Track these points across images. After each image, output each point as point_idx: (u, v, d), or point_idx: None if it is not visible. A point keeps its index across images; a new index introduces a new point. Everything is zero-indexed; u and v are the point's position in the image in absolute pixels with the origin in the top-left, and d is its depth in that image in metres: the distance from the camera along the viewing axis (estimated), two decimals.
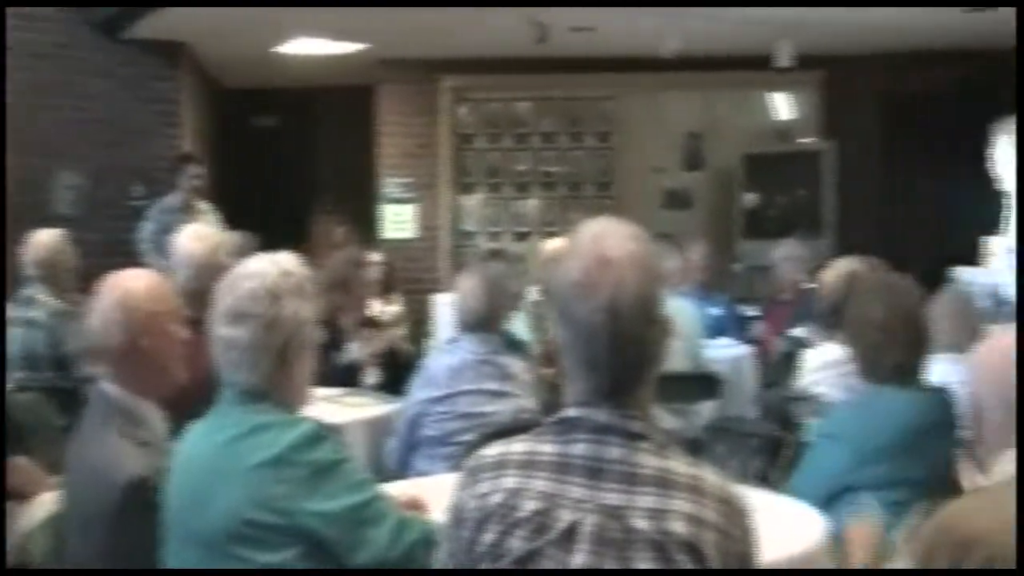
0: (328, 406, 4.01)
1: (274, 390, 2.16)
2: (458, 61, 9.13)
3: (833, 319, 4.08)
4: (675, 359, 5.31)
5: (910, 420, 2.84)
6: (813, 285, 5.96)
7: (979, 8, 7.20)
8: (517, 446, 1.64)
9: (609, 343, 1.58)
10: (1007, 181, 5.08)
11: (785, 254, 6.78)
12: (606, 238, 1.62)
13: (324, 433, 2.15)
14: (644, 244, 1.64)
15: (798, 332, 6.14)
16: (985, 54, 8.98)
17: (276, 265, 2.20)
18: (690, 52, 8.22)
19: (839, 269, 4.28)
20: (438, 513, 2.01)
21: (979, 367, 1.99)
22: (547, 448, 1.61)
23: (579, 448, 1.59)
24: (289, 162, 10.51)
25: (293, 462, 2.09)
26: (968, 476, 2.65)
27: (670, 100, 9.70)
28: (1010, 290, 6.10)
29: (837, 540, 2.56)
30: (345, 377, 4.60)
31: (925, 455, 2.80)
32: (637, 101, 9.60)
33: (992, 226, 7.07)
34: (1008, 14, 7.28)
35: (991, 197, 5.35)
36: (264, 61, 8.84)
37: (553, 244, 5.59)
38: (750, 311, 7.16)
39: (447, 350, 3.93)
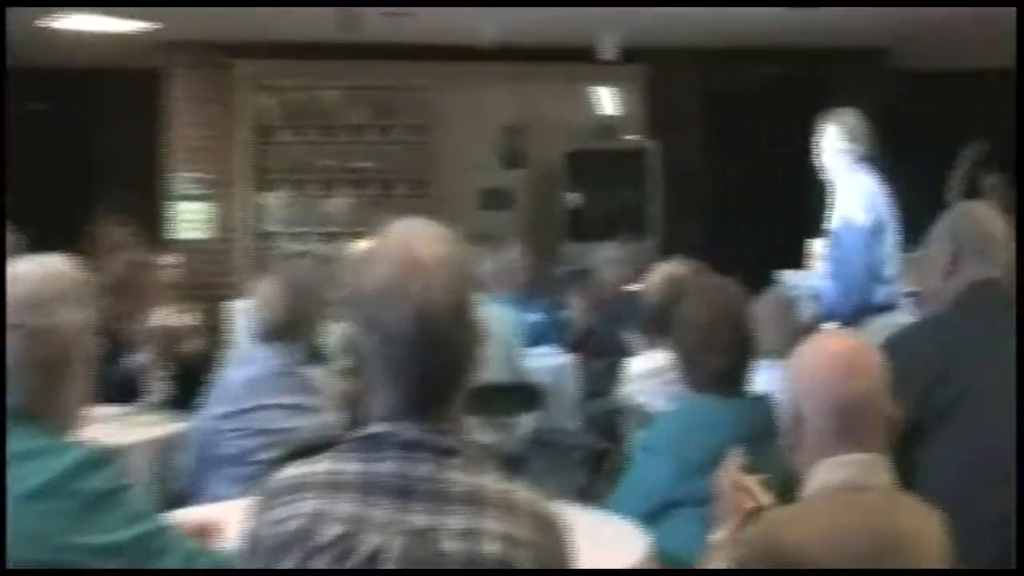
0: (109, 426, 3.87)
1: (42, 411, 2.08)
2: (257, 45, 8.97)
3: (657, 324, 4.20)
4: (492, 368, 5.36)
5: (734, 431, 2.94)
6: (637, 289, 6.13)
7: (803, 5, 7.57)
8: (319, 466, 1.62)
9: (418, 352, 1.58)
10: (831, 171, 5.36)
11: (606, 257, 6.96)
12: (415, 239, 1.63)
13: (102, 458, 2.07)
14: (456, 246, 1.66)
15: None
16: (811, 51, 9.46)
17: (43, 268, 2.12)
18: (510, 42, 8.34)
19: (663, 272, 4.41)
20: (233, 541, 1.97)
21: (798, 372, 2.08)
22: (351, 467, 1.60)
23: (386, 466, 1.59)
24: (65, 152, 10.08)
25: (63, 493, 2.01)
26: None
27: (490, 92, 9.80)
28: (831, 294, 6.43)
29: (662, 557, 2.63)
30: (128, 392, 4.46)
31: (750, 467, 2.91)
32: (454, 93, 9.64)
33: (818, 227, 7.41)
34: (833, 11, 7.70)
35: (818, 197, 5.62)
36: (33, 37, 8.45)
37: (361, 246, 5.57)
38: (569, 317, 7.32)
39: (244, 361, 3.86)
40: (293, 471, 1.63)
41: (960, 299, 2.65)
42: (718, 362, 3.01)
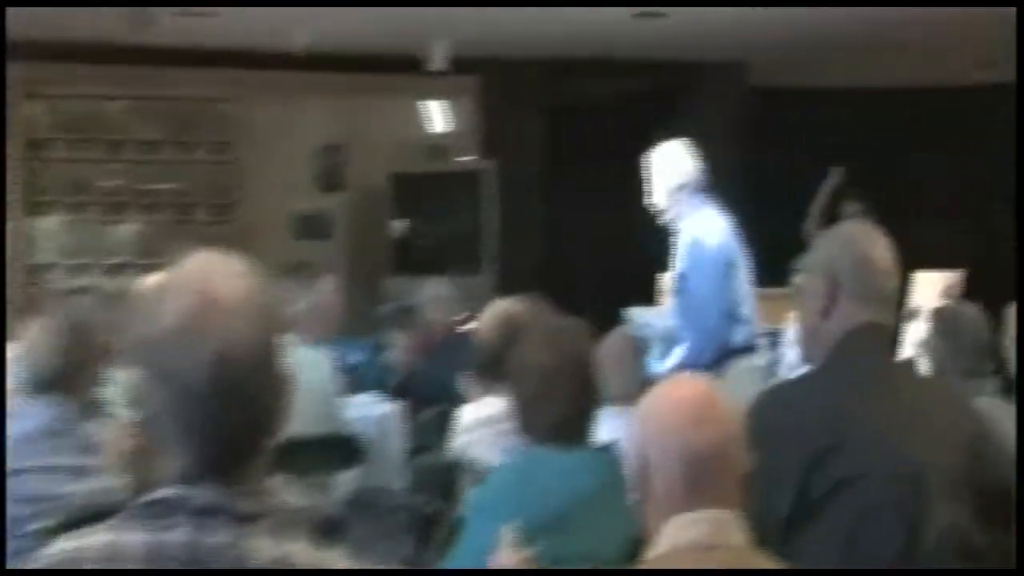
0: None
1: None
2: (27, 44, 8.72)
3: (492, 368, 4.23)
4: (305, 420, 5.31)
5: (575, 486, 2.98)
6: (469, 328, 6.17)
7: (653, 12, 7.79)
8: (97, 537, 1.59)
9: (215, 404, 1.57)
10: (668, 209, 5.48)
11: (436, 293, 7.00)
12: (214, 274, 1.61)
13: None
14: (262, 281, 1.65)
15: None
16: (663, 64, 9.74)
17: None
18: (328, 48, 8.33)
19: (499, 310, 4.46)
20: None
21: (644, 420, 2.14)
22: (135, 538, 1.57)
23: (176, 536, 1.56)
24: None
25: None
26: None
27: (304, 105, 9.78)
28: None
29: None
30: None
31: (594, 527, 2.95)
32: (264, 105, 9.59)
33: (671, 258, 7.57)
34: (686, 19, 7.95)
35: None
36: None
37: (151, 281, 5.46)
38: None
39: (11, 416, 3.74)
40: (66, 544, 1.59)
41: (840, 349, 2.50)
42: (559, 410, 3.04)
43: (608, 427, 3.24)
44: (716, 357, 5.29)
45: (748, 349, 5.46)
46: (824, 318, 2.53)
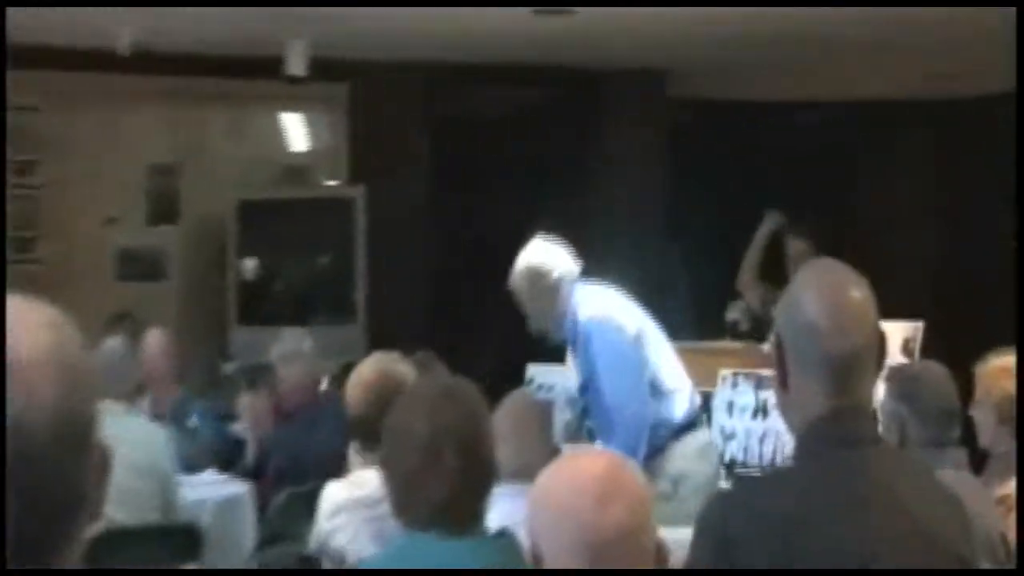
0: None
1: None
2: None
3: (363, 440, 4.23)
4: (132, 505, 5.27)
5: None
6: (335, 391, 6.13)
7: (557, 10, 7.88)
8: None
9: (12, 486, 1.54)
10: (551, 316, 5.64)
11: (291, 349, 6.97)
12: (12, 327, 1.59)
13: None
14: (72, 335, 1.63)
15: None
16: (570, 71, 9.83)
17: None
18: (160, 47, 8.27)
19: (371, 369, 4.47)
20: None
21: (541, 501, 2.16)
22: None
23: None
24: None
25: None
26: None
27: (129, 117, 9.69)
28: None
29: None
30: None
31: None
32: (79, 117, 9.49)
33: None
34: (596, 19, 8.05)
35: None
36: None
37: None
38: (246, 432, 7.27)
39: None
40: None
41: (803, 445, 2.51)
42: (443, 490, 3.04)
43: (504, 509, 3.25)
44: (655, 445, 5.38)
45: (690, 425, 5.57)
46: (783, 390, 2.56)
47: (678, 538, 2.50)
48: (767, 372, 6.33)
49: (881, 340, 2.58)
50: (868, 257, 5.82)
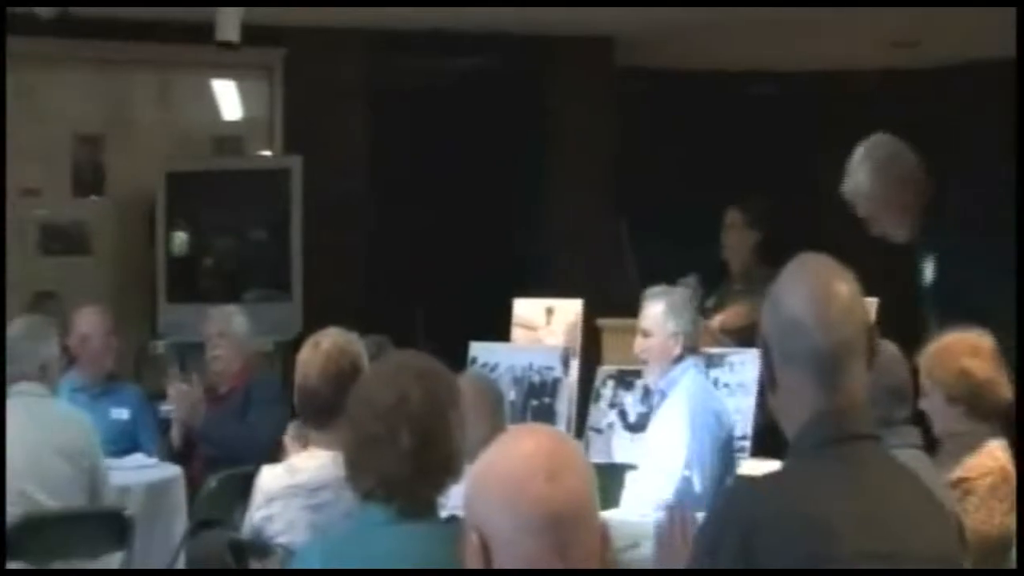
0: None
1: None
2: None
3: (318, 418, 4.24)
4: (58, 491, 5.26)
5: (412, 561, 3.01)
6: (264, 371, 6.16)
7: None
8: None
9: None
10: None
11: (224, 326, 6.97)
12: None
13: None
14: None
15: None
16: (513, 38, 9.84)
17: None
18: (82, 11, 8.20)
19: (332, 342, 4.44)
20: None
21: (486, 482, 2.15)
22: None
23: None
24: None
25: None
26: None
27: (50, 84, 9.61)
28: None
29: None
30: None
31: None
32: None
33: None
34: None
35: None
36: None
37: None
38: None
39: None
40: None
41: (798, 446, 2.53)
42: (395, 468, 3.11)
43: (458, 493, 3.28)
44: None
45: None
46: (773, 392, 2.58)
47: None
48: (715, 351, 6.46)
49: (871, 333, 2.60)
50: (826, 233, 5.92)
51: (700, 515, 4.50)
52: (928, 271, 5.66)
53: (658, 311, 5.64)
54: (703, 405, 5.53)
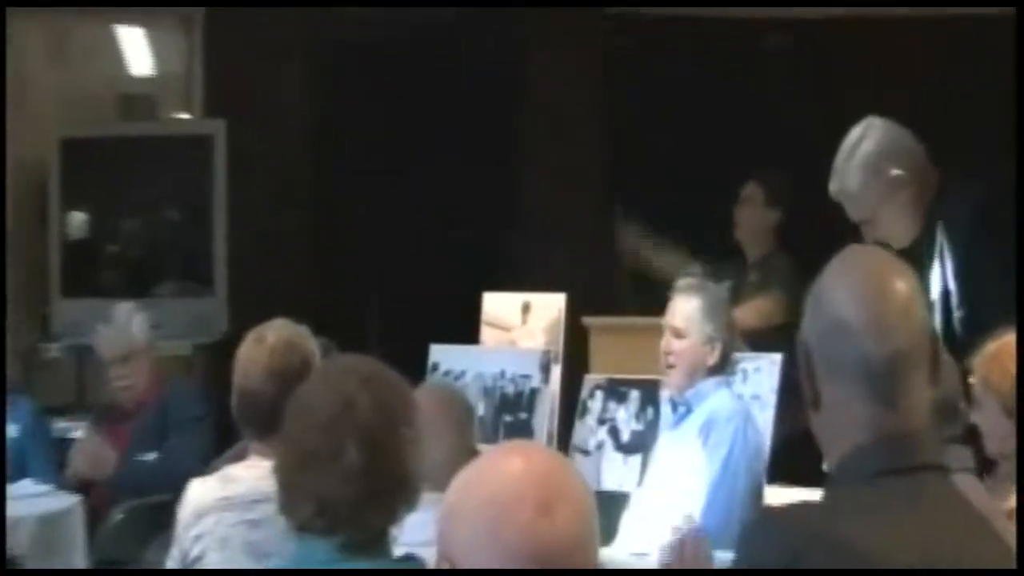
0: None
1: None
2: None
3: (261, 425, 4.26)
4: None
5: None
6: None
7: None
8: None
9: None
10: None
11: (129, 325, 6.95)
12: None
13: None
14: None
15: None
16: None
17: None
18: None
19: (279, 336, 4.46)
20: None
21: (463, 512, 2.16)
22: None
23: None
24: None
25: None
26: None
27: None
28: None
29: None
30: None
31: None
32: None
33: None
34: None
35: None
36: None
37: None
38: (76, 430, 7.26)
39: None
40: None
41: (844, 475, 2.55)
42: (338, 490, 3.11)
43: (413, 524, 3.29)
44: None
45: None
46: (815, 410, 2.57)
47: None
48: None
49: (933, 340, 2.58)
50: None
51: (718, 553, 4.56)
52: (936, 281, 5.59)
53: (693, 308, 5.59)
54: (744, 437, 5.52)
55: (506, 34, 10.19)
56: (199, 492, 4.26)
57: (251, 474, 4.17)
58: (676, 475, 5.48)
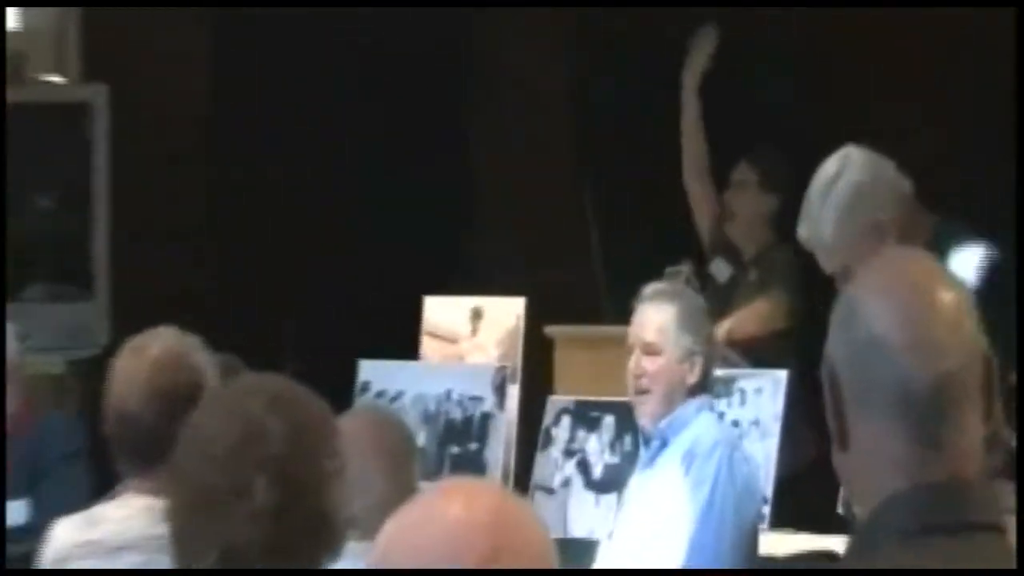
0: None
1: None
2: None
3: (144, 456, 4.21)
4: None
5: None
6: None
7: None
8: None
9: None
10: None
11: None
12: None
13: None
14: None
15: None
16: None
17: None
18: None
19: (163, 348, 4.43)
20: None
21: (386, 562, 2.13)
22: None
23: None
24: None
25: None
26: None
27: None
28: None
29: None
30: None
31: None
32: None
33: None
34: None
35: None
36: None
37: None
38: None
39: None
40: None
41: (875, 530, 2.52)
42: (245, 533, 3.10)
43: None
44: None
45: None
46: (842, 450, 2.52)
47: None
48: (719, 372, 6.45)
49: (988, 365, 2.54)
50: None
51: None
52: None
53: (667, 318, 5.64)
54: (731, 470, 5.51)
55: None
56: (61, 534, 4.28)
57: (119, 514, 4.16)
58: (652, 521, 5.50)
